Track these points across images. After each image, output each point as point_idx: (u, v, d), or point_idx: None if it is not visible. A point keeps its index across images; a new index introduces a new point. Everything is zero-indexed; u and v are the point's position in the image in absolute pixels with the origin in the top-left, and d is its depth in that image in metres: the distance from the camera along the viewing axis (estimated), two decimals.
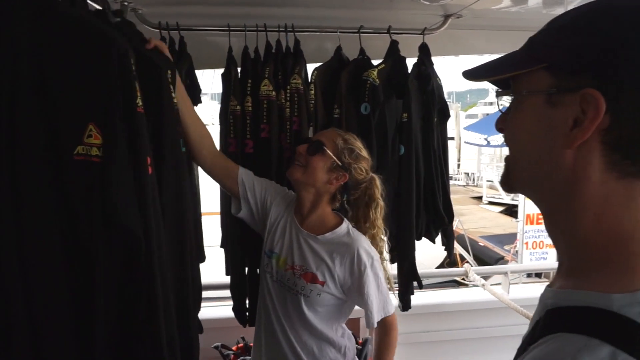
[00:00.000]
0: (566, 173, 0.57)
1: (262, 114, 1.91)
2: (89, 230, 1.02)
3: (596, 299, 0.52)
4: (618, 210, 0.56)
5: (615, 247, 0.55)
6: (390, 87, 2.07)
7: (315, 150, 1.56)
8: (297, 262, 1.53)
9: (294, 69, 1.96)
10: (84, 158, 1.00)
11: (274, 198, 1.70)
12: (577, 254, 0.59)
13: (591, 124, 0.53)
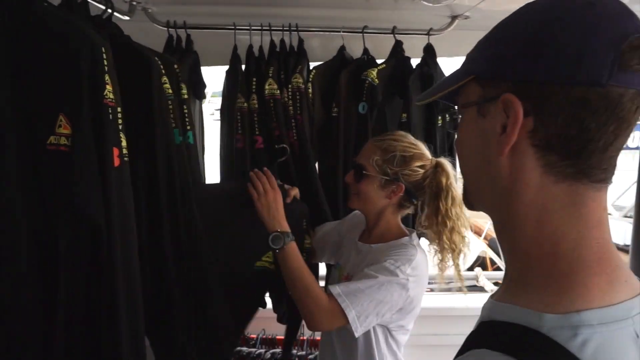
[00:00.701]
0: (505, 182, 0.56)
1: (270, 112, 1.95)
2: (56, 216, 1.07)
3: (528, 317, 0.50)
4: (558, 218, 0.53)
5: (556, 261, 0.53)
6: (392, 87, 2.06)
7: (358, 176, 1.50)
8: (349, 271, 1.53)
9: (295, 67, 1.98)
10: (55, 147, 1.05)
11: (346, 234, 1.69)
12: (519, 265, 0.58)
13: (513, 128, 0.52)
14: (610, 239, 0.54)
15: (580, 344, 0.46)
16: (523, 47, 0.53)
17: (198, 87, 2.08)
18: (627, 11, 0.50)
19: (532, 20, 0.54)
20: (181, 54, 2.00)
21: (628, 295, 0.51)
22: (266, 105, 1.97)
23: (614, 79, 0.47)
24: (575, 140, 0.50)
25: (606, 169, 0.52)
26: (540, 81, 0.50)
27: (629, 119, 0.50)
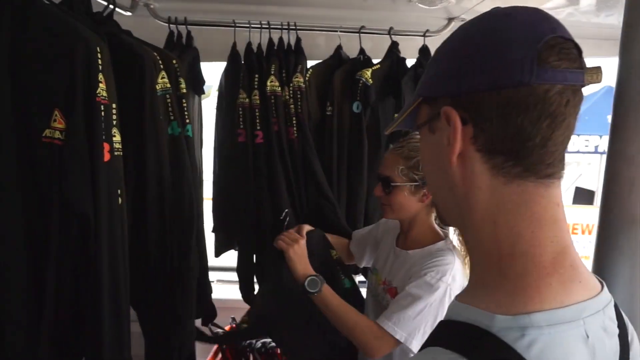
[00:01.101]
0: (460, 189, 0.59)
1: (271, 108, 1.99)
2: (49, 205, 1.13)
3: (480, 317, 0.52)
4: (512, 219, 0.55)
5: (512, 262, 0.55)
6: (386, 87, 2.10)
7: (387, 189, 1.48)
8: (387, 277, 1.54)
9: (296, 67, 2.02)
10: (50, 140, 1.11)
11: (382, 237, 1.72)
12: (479, 268, 0.60)
13: (455, 137, 0.56)
14: (567, 237, 0.56)
15: (527, 344, 0.48)
16: (453, 63, 0.57)
17: (197, 83, 2.12)
18: (542, 16, 0.54)
19: (459, 38, 0.58)
20: (181, 50, 2.04)
21: (582, 296, 0.53)
22: (267, 101, 2.02)
23: (537, 77, 0.50)
24: (513, 140, 0.53)
25: (551, 164, 0.54)
26: (472, 91, 0.54)
27: (562, 113, 0.52)
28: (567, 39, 0.53)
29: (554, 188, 0.56)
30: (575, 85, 0.52)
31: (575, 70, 0.52)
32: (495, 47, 0.53)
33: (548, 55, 0.51)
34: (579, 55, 0.53)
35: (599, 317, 0.54)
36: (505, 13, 0.55)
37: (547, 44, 0.51)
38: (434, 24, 2.20)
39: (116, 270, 1.16)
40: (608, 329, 0.55)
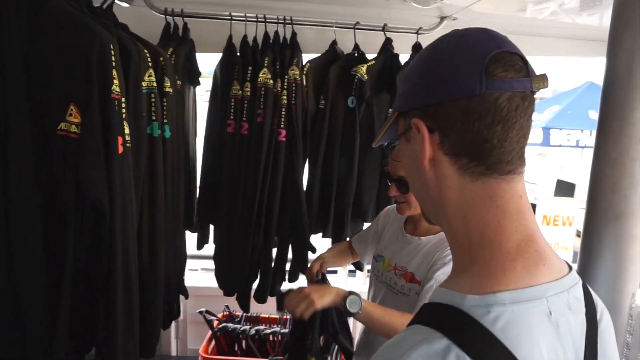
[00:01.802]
0: (434, 190, 0.66)
1: (259, 100, 2.04)
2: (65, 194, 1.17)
3: (454, 298, 0.59)
4: (480, 211, 0.62)
5: (481, 249, 0.62)
6: (381, 82, 2.16)
7: (404, 188, 1.50)
8: (398, 263, 1.57)
9: (292, 60, 2.07)
10: (65, 133, 1.14)
11: (383, 228, 1.75)
12: (456, 257, 0.67)
13: (424, 144, 0.63)
14: (531, 225, 0.62)
15: (492, 319, 0.54)
16: (420, 79, 0.65)
17: (193, 74, 2.15)
18: (490, 35, 0.61)
19: (423, 58, 0.66)
20: (178, 42, 2.06)
21: (546, 278, 0.59)
22: (257, 93, 2.06)
23: (486, 87, 0.57)
24: (473, 143, 0.60)
25: (510, 161, 0.60)
26: (435, 103, 0.61)
27: (513, 116, 0.59)
28: (512, 53, 0.60)
29: (516, 182, 0.62)
30: (523, 92, 0.59)
31: (522, 78, 0.59)
32: (451, 65, 0.60)
33: (494, 68, 0.58)
34: (525, 65, 0.60)
35: (563, 296, 0.60)
36: (459, 35, 0.63)
37: (493, 59, 0.58)
38: (426, 22, 2.26)
39: (128, 258, 1.21)
40: (573, 307, 0.61)
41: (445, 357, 0.52)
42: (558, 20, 2.24)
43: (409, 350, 0.54)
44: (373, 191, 2.29)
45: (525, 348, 0.53)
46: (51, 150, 1.16)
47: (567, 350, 0.58)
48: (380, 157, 2.24)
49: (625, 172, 0.97)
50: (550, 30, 2.43)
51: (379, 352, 0.60)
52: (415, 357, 0.53)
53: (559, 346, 0.57)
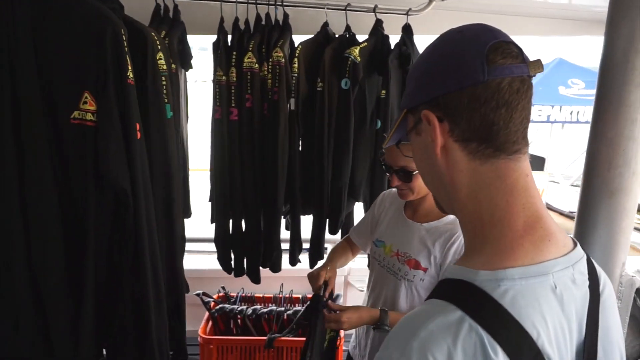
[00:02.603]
0: (447, 176, 0.71)
1: (246, 85, 2.06)
2: (83, 183, 1.18)
3: (467, 274, 0.64)
4: (490, 192, 0.67)
5: (491, 228, 0.67)
6: (372, 64, 2.20)
7: (409, 178, 1.52)
8: (401, 249, 1.58)
9: (277, 42, 2.08)
10: (80, 122, 1.15)
11: (379, 214, 1.77)
12: (468, 237, 0.73)
13: (435, 133, 0.68)
14: (537, 202, 0.67)
15: (502, 292, 0.60)
16: (426, 75, 0.70)
17: (185, 57, 2.15)
18: (487, 29, 0.67)
19: (427, 56, 0.71)
20: (170, 25, 2.05)
21: (552, 254, 0.65)
22: (243, 78, 2.07)
23: (488, 74, 0.62)
24: (481, 127, 0.65)
25: (516, 142, 0.65)
26: (443, 94, 0.66)
27: (515, 99, 0.64)
28: (508, 42, 0.65)
29: (522, 162, 0.68)
30: (522, 76, 0.64)
31: (519, 64, 0.64)
32: (454, 57, 0.66)
33: (494, 56, 0.63)
34: (520, 52, 0.66)
35: (568, 271, 0.66)
36: (457, 31, 0.69)
37: (492, 47, 0.63)
38: (416, 3, 2.30)
39: (153, 243, 1.23)
40: (577, 281, 0.66)
41: (459, 327, 0.58)
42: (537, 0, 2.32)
43: (427, 321, 0.60)
44: (365, 171, 2.35)
45: (531, 319, 0.59)
46: (66, 139, 1.17)
47: (570, 321, 0.64)
48: (372, 137, 2.29)
49: (620, 151, 1.05)
50: (529, 10, 2.52)
51: (399, 324, 0.65)
52: (432, 328, 0.59)
53: (562, 317, 0.63)
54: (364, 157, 2.32)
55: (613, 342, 0.71)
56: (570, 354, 0.64)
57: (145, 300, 1.28)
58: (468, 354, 0.56)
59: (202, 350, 2.42)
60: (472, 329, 0.57)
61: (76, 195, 1.20)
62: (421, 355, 0.57)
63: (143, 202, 1.19)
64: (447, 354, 0.57)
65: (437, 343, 0.57)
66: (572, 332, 0.64)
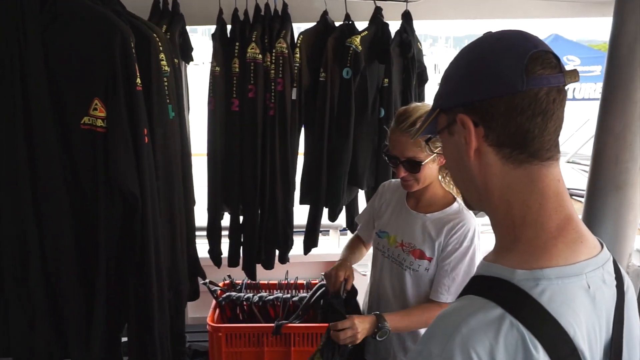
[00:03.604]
0: (479, 178, 0.73)
1: (249, 75, 2.05)
2: (93, 187, 1.20)
3: (504, 272, 0.66)
4: (522, 196, 0.69)
5: (524, 229, 0.69)
6: (373, 52, 2.19)
7: (417, 168, 1.51)
8: (405, 239, 1.59)
9: (280, 33, 2.07)
10: (90, 127, 1.16)
11: (380, 205, 1.77)
12: (500, 236, 0.74)
13: (470, 137, 0.70)
14: (568, 206, 0.68)
15: (540, 291, 0.62)
16: (463, 79, 0.71)
17: (186, 50, 2.13)
18: (524, 37, 0.67)
19: (463, 59, 0.73)
20: (170, 18, 2.03)
21: (584, 255, 0.67)
22: (246, 68, 2.07)
23: (527, 84, 0.63)
24: (516, 134, 0.66)
25: (549, 149, 0.67)
26: (480, 99, 0.67)
27: (551, 109, 0.65)
28: (547, 51, 0.66)
29: (554, 167, 0.70)
30: (558, 86, 0.65)
31: (557, 74, 0.65)
32: (493, 64, 0.67)
33: (533, 66, 0.64)
34: (558, 62, 0.66)
35: (598, 272, 0.68)
36: (496, 37, 0.69)
37: (531, 58, 0.64)
38: None
39: (159, 250, 1.26)
40: (607, 281, 0.69)
41: (501, 324, 0.60)
42: None
43: (468, 318, 0.62)
44: (367, 159, 2.36)
45: (567, 317, 0.62)
46: (76, 144, 1.18)
47: (600, 318, 0.67)
48: (374, 126, 2.29)
49: (627, 146, 1.07)
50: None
51: (436, 321, 0.68)
52: (473, 324, 0.61)
53: (594, 316, 0.66)
54: (366, 145, 2.33)
55: (635, 340, 0.74)
56: (600, 350, 0.66)
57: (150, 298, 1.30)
58: (510, 350, 0.59)
59: (211, 337, 2.46)
60: (513, 326, 0.59)
61: (87, 199, 1.22)
62: (463, 351, 0.60)
63: (150, 205, 1.21)
64: (489, 350, 0.59)
65: (480, 339, 0.60)
66: (602, 330, 0.67)
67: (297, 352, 2.44)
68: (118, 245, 1.27)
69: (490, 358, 0.59)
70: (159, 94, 1.39)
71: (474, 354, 0.59)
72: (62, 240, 1.20)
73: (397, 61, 2.21)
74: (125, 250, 1.26)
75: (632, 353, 0.72)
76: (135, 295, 1.28)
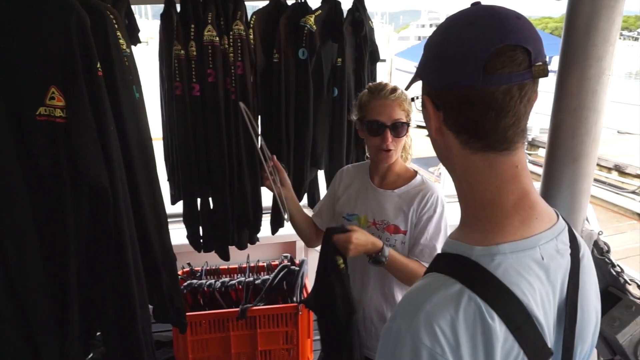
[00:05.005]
0: (444, 154, 0.77)
1: (207, 59, 1.98)
2: (55, 183, 1.13)
3: (463, 249, 0.71)
4: (481, 179, 0.72)
5: (483, 210, 0.72)
6: (327, 32, 2.18)
7: (403, 133, 1.56)
8: (377, 217, 1.62)
9: (235, 14, 2.00)
10: (47, 119, 1.08)
11: (339, 191, 1.78)
12: (463, 213, 0.79)
13: (430, 118, 0.73)
14: (525, 186, 0.72)
15: (496, 265, 0.66)
16: (429, 61, 0.73)
17: (133, 32, 2.02)
18: (499, 24, 0.65)
19: (435, 39, 0.73)
20: None
21: (539, 229, 0.71)
22: (204, 52, 2.00)
23: (482, 82, 0.64)
24: (470, 126, 0.69)
25: (505, 141, 0.68)
26: (438, 87, 0.70)
27: (507, 106, 0.65)
28: (515, 45, 0.64)
29: (512, 155, 0.70)
30: (520, 83, 0.65)
31: (521, 72, 0.64)
32: (456, 57, 0.68)
33: (493, 64, 0.64)
34: (528, 56, 0.65)
35: (552, 243, 0.73)
36: (469, 22, 0.68)
37: (495, 54, 0.64)
38: None
39: (134, 241, 1.21)
40: (561, 250, 0.74)
41: (460, 298, 0.65)
42: None
43: (431, 295, 0.66)
44: (325, 139, 2.37)
45: (521, 287, 0.67)
46: (33, 137, 1.10)
47: (555, 287, 0.72)
48: (329, 106, 2.30)
49: (583, 120, 1.14)
50: None
51: (405, 297, 0.72)
52: (436, 300, 0.66)
53: (548, 284, 0.71)
54: (323, 125, 2.33)
55: (590, 303, 0.80)
56: (553, 314, 0.71)
57: (130, 294, 1.26)
58: (469, 322, 0.63)
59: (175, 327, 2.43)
60: (471, 299, 0.64)
61: (51, 194, 1.14)
62: (427, 325, 0.64)
63: (122, 196, 1.16)
64: (450, 323, 0.63)
65: (442, 314, 0.64)
66: (556, 296, 0.72)
67: (263, 334, 2.48)
68: (89, 242, 1.21)
69: (452, 330, 0.63)
70: (122, 74, 1.30)
71: (437, 328, 0.63)
72: (25, 241, 1.12)
73: (350, 40, 2.22)
74: (97, 247, 1.20)
75: (585, 316, 0.78)
76: (114, 294, 1.23)
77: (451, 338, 0.63)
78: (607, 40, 1.09)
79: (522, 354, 0.65)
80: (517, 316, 0.66)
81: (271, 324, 2.48)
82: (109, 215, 1.15)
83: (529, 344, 0.66)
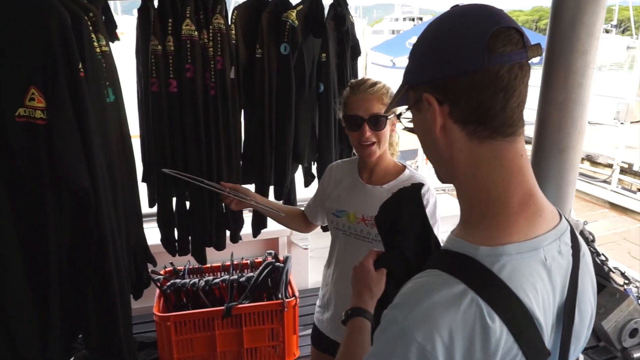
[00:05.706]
0: (446, 153, 0.76)
1: (185, 54, 1.94)
2: (36, 186, 1.09)
3: (468, 248, 0.70)
4: (487, 170, 0.71)
5: (489, 204, 0.71)
6: (308, 27, 2.16)
7: (383, 126, 1.55)
8: (366, 214, 1.60)
9: (215, 7, 1.97)
10: (26, 120, 1.04)
11: (328, 187, 1.77)
12: (466, 211, 0.77)
13: (435, 115, 0.72)
14: (530, 181, 0.72)
15: (500, 267, 0.66)
16: (426, 56, 0.73)
17: (111, 29, 1.96)
18: (489, 12, 0.69)
19: (426, 35, 0.74)
20: None
21: (543, 229, 0.71)
22: (182, 47, 1.96)
23: (488, 62, 0.65)
24: (479, 111, 0.69)
25: (511, 124, 0.69)
26: (443, 78, 0.70)
27: (512, 85, 0.67)
28: (510, 27, 0.68)
29: (517, 143, 0.71)
30: (520, 62, 0.68)
31: (519, 51, 0.67)
32: (456, 42, 0.69)
33: (494, 44, 0.66)
34: (521, 37, 0.68)
35: (555, 244, 0.73)
36: (461, 14, 0.71)
37: (493, 35, 0.66)
38: None
39: (115, 244, 1.18)
40: (562, 251, 0.74)
41: (462, 299, 0.64)
42: None
43: (432, 292, 0.66)
44: (308, 135, 2.36)
45: (525, 289, 0.67)
46: (12, 139, 1.06)
47: (555, 287, 0.73)
48: (313, 101, 2.29)
49: (569, 113, 1.16)
50: None
51: (407, 289, 0.71)
52: (437, 299, 0.65)
53: (549, 285, 0.71)
54: (305, 121, 2.31)
55: (587, 301, 0.80)
56: (552, 314, 0.72)
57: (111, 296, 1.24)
58: (468, 322, 0.63)
59: (159, 327, 2.39)
60: (473, 301, 0.63)
61: (31, 197, 1.10)
62: (424, 322, 0.64)
63: (104, 198, 1.13)
64: (448, 322, 0.63)
65: (440, 312, 0.63)
66: (556, 296, 0.73)
67: (249, 331, 2.46)
68: (71, 244, 1.17)
69: (448, 330, 0.63)
70: (95, 76, 1.26)
71: (433, 325, 0.63)
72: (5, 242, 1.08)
73: (333, 35, 2.21)
74: (79, 249, 1.16)
75: (583, 316, 0.79)
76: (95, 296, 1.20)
77: (446, 337, 0.62)
78: (591, 34, 1.11)
79: (520, 354, 0.65)
80: (521, 320, 0.66)
81: (257, 322, 2.46)
82: (90, 217, 1.12)
83: (529, 346, 0.66)
